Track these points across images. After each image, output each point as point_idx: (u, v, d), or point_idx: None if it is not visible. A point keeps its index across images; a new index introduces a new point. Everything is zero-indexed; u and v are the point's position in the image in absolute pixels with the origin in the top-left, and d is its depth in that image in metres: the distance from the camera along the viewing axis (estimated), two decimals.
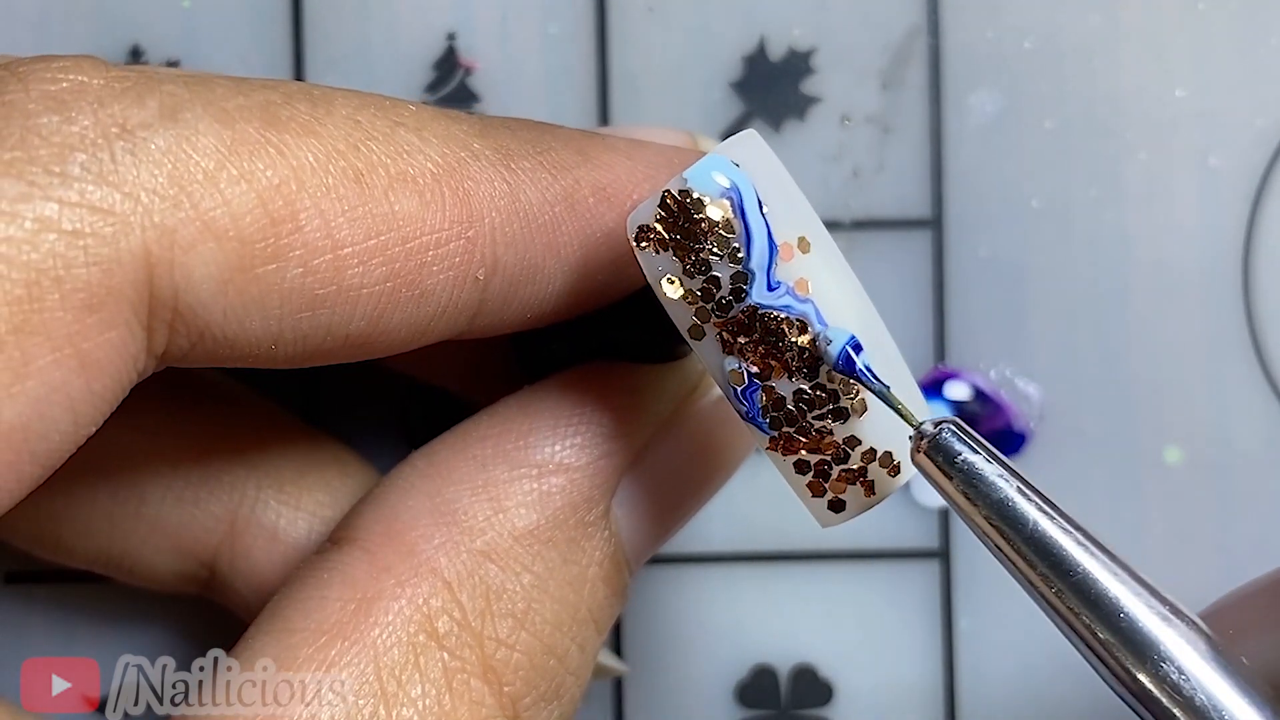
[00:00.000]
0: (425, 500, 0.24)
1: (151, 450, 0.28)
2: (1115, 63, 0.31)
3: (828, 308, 0.23)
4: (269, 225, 0.21)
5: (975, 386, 0.31)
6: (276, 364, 0.23)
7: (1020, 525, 0.22)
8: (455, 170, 0.23)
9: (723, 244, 0.22)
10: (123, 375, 0.21)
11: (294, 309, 0.22)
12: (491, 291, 0.23)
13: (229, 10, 0.31)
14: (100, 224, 0.20)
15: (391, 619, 0.23)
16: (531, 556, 0.24)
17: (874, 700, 0.31)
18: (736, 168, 0.23)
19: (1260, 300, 0.31)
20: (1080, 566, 0.21)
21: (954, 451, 0.22)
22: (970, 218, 0.31)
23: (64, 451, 0.21)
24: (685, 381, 0.26)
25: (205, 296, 0.21)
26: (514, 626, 0.24)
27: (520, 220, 0.23)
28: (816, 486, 0.23)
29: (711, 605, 0.31)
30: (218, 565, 0.28)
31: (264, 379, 0.30)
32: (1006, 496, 0.22)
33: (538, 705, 0.24)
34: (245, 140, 0.21)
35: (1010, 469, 0.22)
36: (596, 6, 0.31)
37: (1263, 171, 0.31)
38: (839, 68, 0.31)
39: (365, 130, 0.22)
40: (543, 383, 0.26)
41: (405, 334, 0.23)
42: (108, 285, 0.20)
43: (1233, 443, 0.31)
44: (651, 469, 0.26)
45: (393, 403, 0.31)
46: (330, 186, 0.22)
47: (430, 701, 0.23)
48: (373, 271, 0.22)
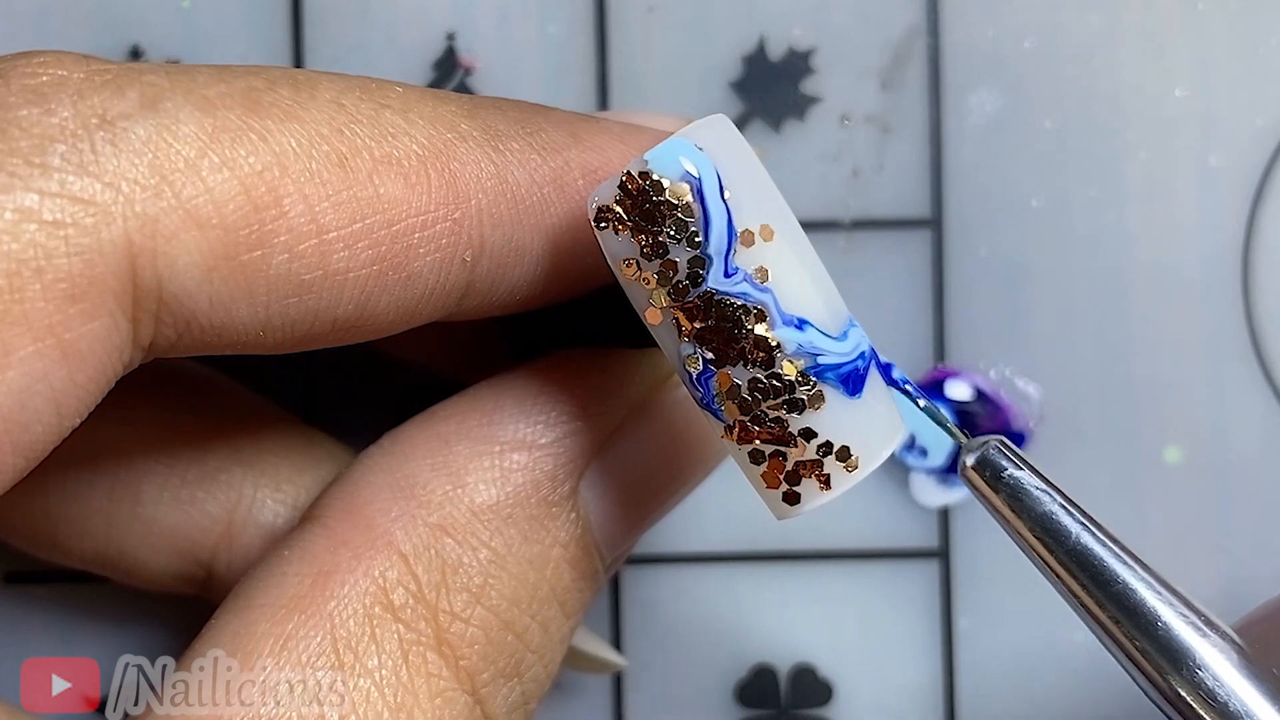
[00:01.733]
0: (385, 476, 0.24)
1: (148, 449, 0.28)
2: (1115, 62, 0.31)
3: (787, 298, 0.23)
4: (252, 212, 0.21)
5: (975, 386, 0.31)
6: (265, 350, 0.23)
7: (1064, 538, 0.23)
8: (441, 152, 0.23)
9: (680, 227, 0.22)
10: (107, 366, 0.21)
11: (281, 295, 0.22)
12: (479, 273, 0.23)
13: (229, 10, 0.31)
14: (81, 214, 0.20)
15: (347, 591, 0.23)
16: (490, 532, 0.24)
17: (874, 700, 0.31)
18: (700, 151, 0.22)
19: (1260, 300, 0.31)
20: (1120, 578, 0.23)
21: (1000, 467, 0.23)
22: (970, 218, 0.31)
23: (47, 443, 0.21)
24: (659, 368, 0.26)
25: (190, 285, 0.21)
26: (469, 601, 0.24)
27: (508, 201, 0.23)
28: (771, 478, 0.23)
29: (711, 605, 0.31)
30: (215, 564, 0.28)
31: (261, 377, 0.30)
32: (1050, 510, 0.23)
33: (496, 681, 0.24)
34: (227, 127, 0.21)
35: (1053, 485, 0.23)
36: (596, 6, 0.31)
37: (1262, 171, 0.31)
38: (839, 67, 0.31)
39: (349, 114, 0.22)
40: (513, 368, 0.26)
41: (393, 316, 0.23)
42: (89, 275, 0.20)
43: (1233, 443, 0.31)
44: (622, 454, 0.25)
45: (388, 398, 0.31)
46: (314, 171, 0.22)
47: (387, 673, 0.23)
48: (359, 255, 0.22)
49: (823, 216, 0.31)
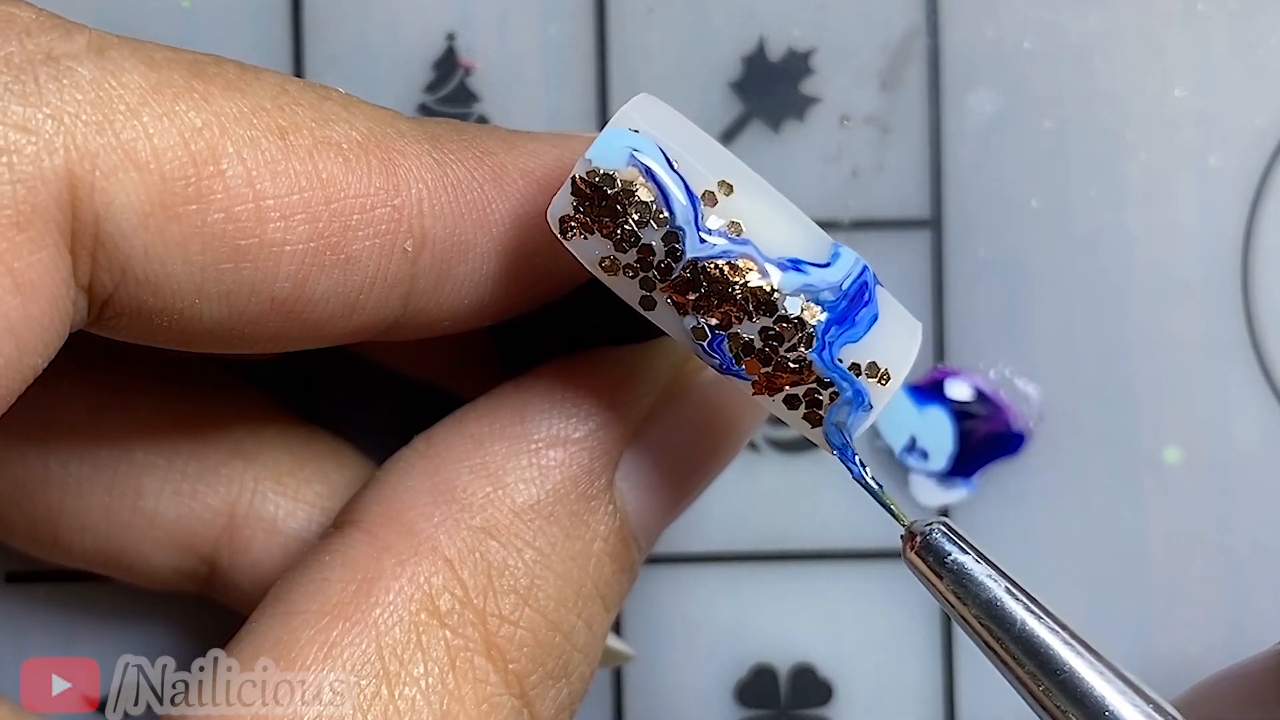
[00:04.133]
0: (424, 480, 0.24)
1: (148, 444, 0.28)
2: (1115, 63, 0.31)
3: (766, 241, 0.23)
4: (190, 164, 0.21)
5: (975, 386, 0.31)
6: (206, 333, 0.23)
7: (1009, 625, 0.23)
8: (381, 141, 0.23)
9: (644, 210, 0.22)
10: (59, 302, 0.21)
11: (216, 258, 0.22)
12: (422, 265, 0.23)
13: (228, 10, 0.31)
14: (24, 141, 0.20)
15: (393, 598, 0.23)
16: (533, 532, 0.24)
17: (874, 700, 0.31)
18: (636, 134, 0.22)
19: (1260, 300, 0.31)
20: (1067, 665, 0.22)
21: (944, 552, 0.23)
22: (970, 218, 0.31)
23: (10, 380, 0.21)
24: (674, 353, 0.26)
25: (126, 228, 0.21)
26: (517, 603, 0.24)
27: (448, 194, 0.23)
28: (813, 417, 0.23)
29: (711, 605, 0.31)
30: (217, 559, 0.28)
31: (261, 376, 0.30)
32: (995, 596, 0.23)
33: (545, 683, 0.24)
34: (170, 84, 0.22)
35: (998, 570, 0.23)
36: (596, 6, 0.31)
37: (1262, 171, 0.31)
38: (838, 68, 0.31)
39: (292, 96, 0.23)
40: (537, 368, 0.26)
41: (334, 306, 0.23)
42: (33, 203, 0.20)
43: (1233, 443, 0.31)
44: (654, 441, 0.26)
45: (389, 401, 0.31)
46: (253, 139, 0.22)
47: (434, 680, 0.23)
48: (295, 229, 0.22)
49: (823, 216, 0.31)
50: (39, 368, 0.21)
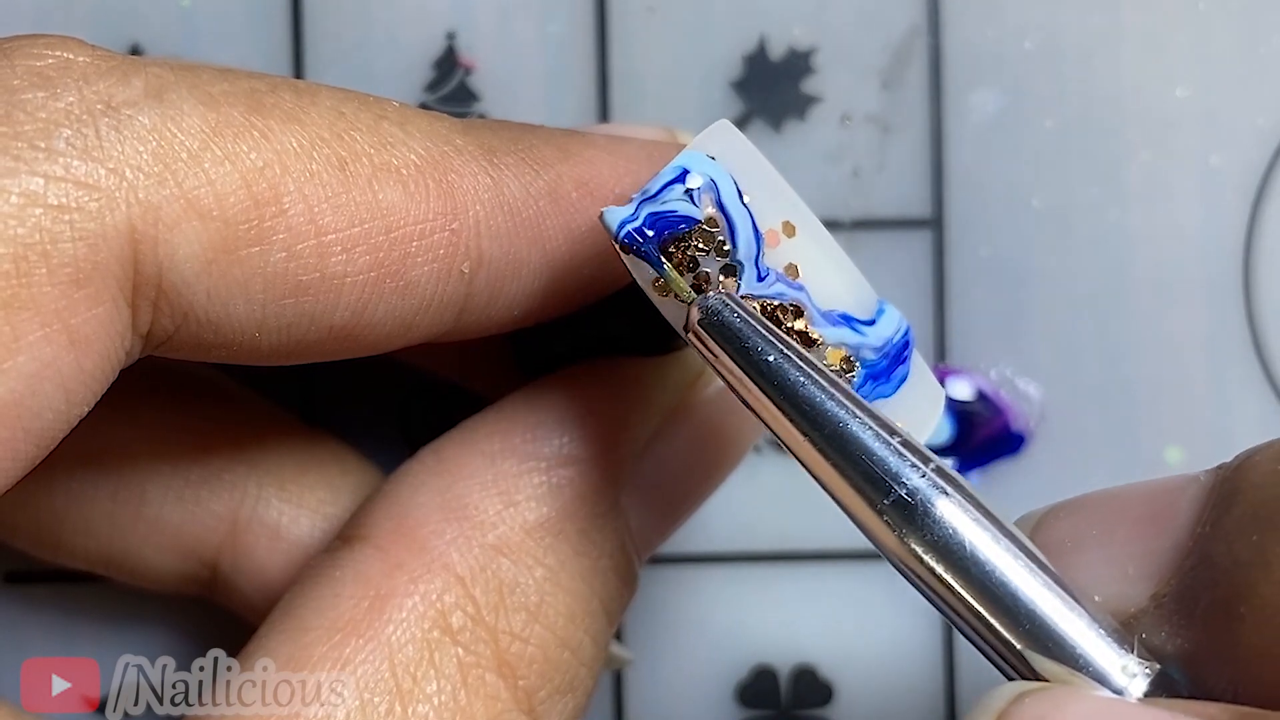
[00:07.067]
0: (435, 496, 0.24)
1: (151, 449, 0.28)
2: (1116, 62, 0.31)
3: (819, 291, 0.23)
4: (253, 207, 0.21)
5: (976, 386, 0.31)
6: (261, 357, 0.23)
7: (791, 389, 0.21)
8: (439, 163, 0.23)
9: (708, 239, 0.22)
10: (111, 353, 0.21)
11: (278, 294, 0.22)
12: (477, 286, 0.23)
13: (228, 10, 0.31)
14: (86, 199, 0.20)
15: (405, 615, 0.23)
16: (544, 550, 0.24)
17: (874, 700, 0.31)
18: (712, 161, 0.22)
19: (1261, 300, 0.31)
20: (840, 419, 0.21)
21: (728, 322, 0.22)
22: (970, 217, 0.31)
23: (57, 430, 0.21)
24: (688, 371, 0.26)
25: (189, 276, 0.21)
26: (528, 620, 0.24)
27: (504, 213, 0.23)
28: None
29: (711, 605, 0.31)
30: (220, 565, 0.28)
31: (261, 377, 0.30)
32: (776, 361, 0.21)
33: (553, 698, 0.24)
34: (230, 123, 0.21)
35: (779, 338, 0.22)
36: (596, 6, 0.31)
37: (1263, 171, 0.31)
38: (839, 67, 0.31)
39: (349, 121, 0.22)
40: (547, 378, 0.26)
41: (390, 328, 0.23)
42: (94, 260, 0.20)
43: (1233, 443, 0.31)
44: (659, 459, 0.26)
45: (390, 401, 0.31)
46: (314, 172, 0.22)
47: (446, 697, 0.23)
48: (356, 260, 0.22)
49: (823, 216, 0.30)
50: (84, 415, 0.21)
